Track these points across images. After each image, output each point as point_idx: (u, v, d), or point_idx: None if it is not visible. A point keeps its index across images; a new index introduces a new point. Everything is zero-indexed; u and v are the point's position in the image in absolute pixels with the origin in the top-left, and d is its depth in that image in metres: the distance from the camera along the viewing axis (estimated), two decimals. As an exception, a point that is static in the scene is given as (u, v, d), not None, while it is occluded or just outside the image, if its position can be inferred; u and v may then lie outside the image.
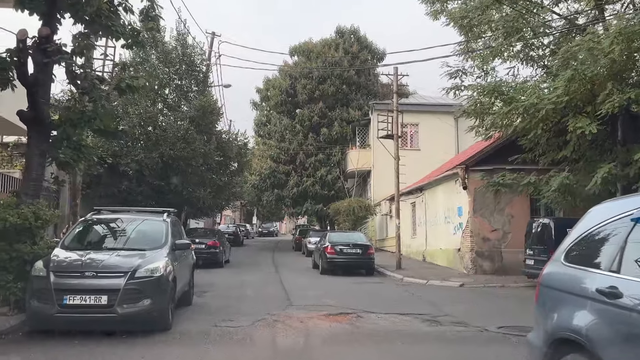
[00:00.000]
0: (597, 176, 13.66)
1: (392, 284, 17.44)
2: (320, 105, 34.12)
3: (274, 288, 15.63)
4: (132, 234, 10.30)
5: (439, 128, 32.41)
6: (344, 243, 19.87)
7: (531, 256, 15.69)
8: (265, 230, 60.76)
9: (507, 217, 18.97)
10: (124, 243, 10.04)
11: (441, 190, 21.86)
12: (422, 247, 24.05)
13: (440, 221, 21.86)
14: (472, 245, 18.88)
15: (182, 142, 21.56)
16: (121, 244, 10.04)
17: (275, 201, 35.66)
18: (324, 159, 33.98)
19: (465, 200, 19.35)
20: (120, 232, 10.54)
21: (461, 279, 17.68)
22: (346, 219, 29.46)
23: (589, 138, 14.02)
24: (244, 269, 21.66)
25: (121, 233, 10.49)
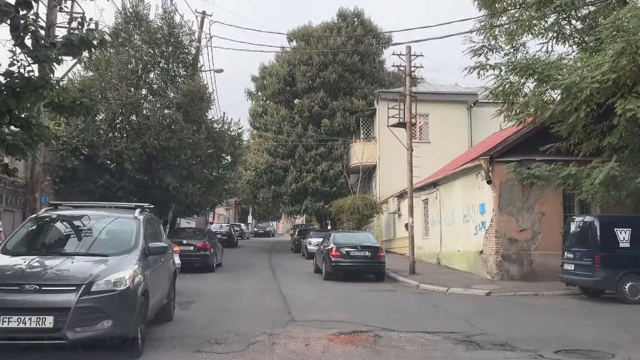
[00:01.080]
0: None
1: (408, 292, 15.13)
2: (321, 94, 31.79)
3: (271, 297, 13.32)
4: (93, 235, 8.00)
5: (450, 119, 30.16)
6: (350, 245, 17.57)
7: (570, 260, 13.41)
8: (262, 230, 58.33)
9: (536, 215, 16.68)
10: (82, 246, 7.80)
11: (459, 185, 19.56)
12: (436, 248, 21.75)
13: (458, 220, 19.56)
14: (497, 247, 16.59)
15: (167, 131, 19.22)
16: (78, 247, 7.81)
17: (272, 199, 33.28)
18: (325, 152, 31.66)
19: (489, 196, 17.05)
20: (78, 233, 8.23)
21: (486, 285, 15.40)
22: (350, 218, 27.14)
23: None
24: (237, 273, 19.33)
25: (80, 234, 8.20)
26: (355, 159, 31.03)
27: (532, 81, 14.14)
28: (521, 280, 16.28)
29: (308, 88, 32.91)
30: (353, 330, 9.21)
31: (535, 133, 16.61)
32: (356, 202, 27.10)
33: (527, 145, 16.42)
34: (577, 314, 11.52)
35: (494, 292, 14.50)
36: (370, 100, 32.36)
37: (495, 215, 16.66)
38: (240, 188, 33.97)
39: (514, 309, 12.31)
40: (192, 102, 20.30)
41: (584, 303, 12.78)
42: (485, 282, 16.21)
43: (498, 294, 14.29)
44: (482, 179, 17.39)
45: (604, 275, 12.24)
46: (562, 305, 12.77)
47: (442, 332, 9.25)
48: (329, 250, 17.50)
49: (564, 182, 13.58)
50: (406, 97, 18.38)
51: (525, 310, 12.01)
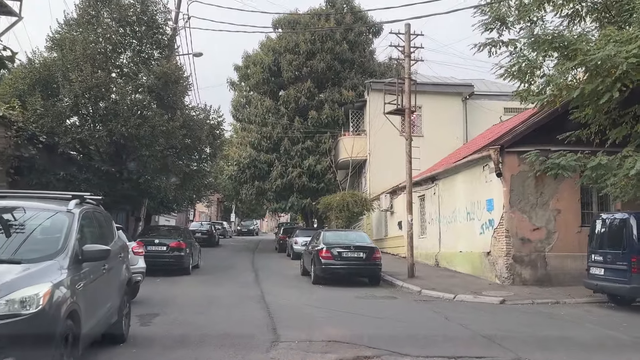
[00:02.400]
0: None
1: (409, 299, 13.23)
2: (308, 85, 29.79)
3: (252, 307, 11.32)
4: (4, 234, 5.90)
5: (444, 111, 28.43)
6: (343, 245, 15.63)
7: (599, 264, 11.60)
8: (245, 228, 56.10)
9: (552, 213, 14.89)
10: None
11: (461, 179, 17.71)
12: (434, 249, 19.90)
13: (461, 218, 17.71)
14: (507, 248, 14.76)
15: (137, 117, 17.09)
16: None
17: (255, 195, 31.21)
18: (312, 146, 29.69)
19: (498, 191, 15.22)
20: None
21: (497, 292, 13.57)
22: (339, 216, 25.23)
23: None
24: (216, 276, 17.28)
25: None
26: (344, 154, 29.13)
27: (555, 58, 12.32)
28: (535, 285, 14.50)
29: (294, 78, 30.90)
30: (356, 355, 7.27)
31: (550, 120, 14.84)
32: (346, 198, 25.19)
33: (541, 134, 14.62)
34: (614, 327, 9.70)
35: (509, 299, 12.67)
36: (360, 91, 30.46)
37: (505, 212, 14.83)
38: (221, 183, 31.79)
39: (538, 321, 10.47)
40: (166, 86, 18.19)
41: (616, 314, 10.98)
42: (494, 287, 14.36)
43: (513, 302, 12.46)
44: (490, 171, 15.55)
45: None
46: (590, 315, 10.97)
47: (467, 356, 7.37)
48: (318, 251, 15.55)
49: (593, 174, 11.75)
50: (405, 80, 16.46)
51: (552, 324, 10.18)
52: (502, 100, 30.08)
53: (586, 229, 14.73)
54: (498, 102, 29.94)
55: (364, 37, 32.41)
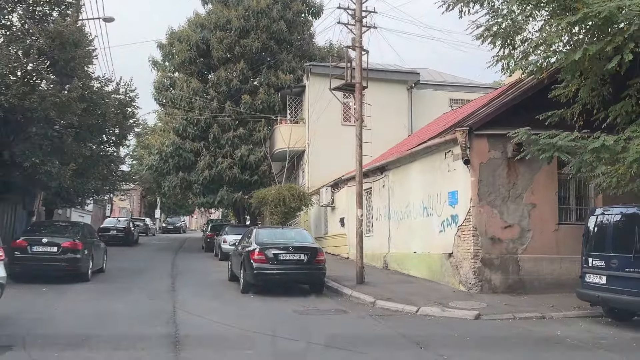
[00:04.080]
0: None
1: (363, 313, 10.53)
2: (240, 66, 26.60)
3: (156, 332, 8.28)
4: None
5: (389, 100, 26.12)
6: (280, 245, 12.77)
7: (600, 270, 9.34)
8: (171, 225, 51.86)
9: (525, 207, 12.68)
10: None
11: (418, 169, 15.26)
12: (382, 249, 17.40)
13: (416, 213, 15.28)
14: (475, 249, 12.41)
15: (21, 84, 13.52)
16: None
17: (180, 188, 27.70)
18: (245, 134, 26.55)
19: (464, 182, 12.85)
20: None
21: (467, 302, 11.17)
22: (274, 211, 22.29)
23: None
24: (121, 284, 13.98)
25: None
26: (280, 143, 26.21)
27: (546, 14, 10.01)
28: (506, 293, 12.23)
29: (225, 58, 27.67)
30: None
31: (526, 99, 12.69)
32: (282, 192, 22.28)
33: (515, 114, 12.37)
34: (634, 354, 7.44)
35: (484, 313, 10.26)
36: (299, 75, 27.63)
37: (473, 207, 12.48)
38: (140, 174, 28.00)
39: (532, 346, 8.09)
40: (62, 49, 14.66)
41: (624, 334, 8.75)
42: (461, 296, 11.97)
43: (491, 317, 10.05)
44: (454, 159, 13.17)
45: (662, 294, 8.25)
46: (591, 334, 8.71)
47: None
48: (249, 253, 12.63)
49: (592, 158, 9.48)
50: (357, 49, 13.78)
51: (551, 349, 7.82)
52: (448, 91, 28.55)
53: (564, 227, 12.77)
54: (444, 93, 28.32)
55: (304, 17, 29.60)
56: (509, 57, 10.66)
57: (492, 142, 12.60)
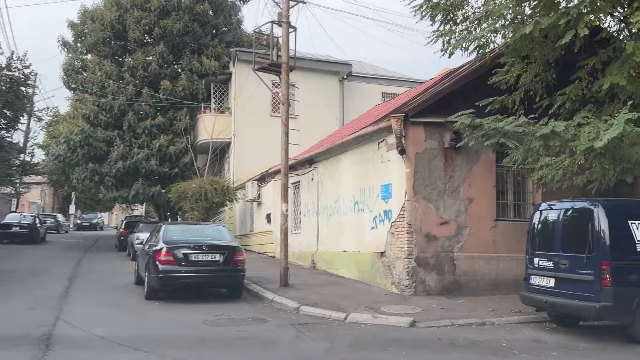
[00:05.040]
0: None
1: (285, 322, 9.13)
2: (160, 49, 24.49)
3: (14, 356, 6.52)
4: None
5: (320, 92, 25.07)
6: (191, 244, 11.15)
7: (547, 271, 8.40)
8: (87, 222, 48.21)
9: (462, 202, 11.72)
10: None
11: (349, 160, 14.06)
12: (310, 247, 16.10)
13: (346, 208, 14.08)
14: (409, 247, 11.33)
15: None
16: None
17: (90, 180, 25.19)
18: (164, 123, 24.46)
19: (398, 174, 11.74)
20: None
21: (400, 307, 10.05)
22: (195, 207, 20.53)
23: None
24: (5, 288, 11.95)
25: None
26: (204, 134, 24.43)
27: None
28: (442, 295, 11.23)
29: (143, 40, 25.52)
30: None
31: (464, 85, 11.71)
32: (204, 186, 20.54)
33: (454, 101, 11.34)
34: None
35: (419, 319, 9.13)
36: (225, 62, 25.88)
37: (408, 201, 11.38)
38: (43, 164, 25.27)
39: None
40: None
41: (575, 343, 7.82)
42: (394, 299, 10.84)
43: (427, 325, 8.93)
44: (388, 149, 12.05)
45: (616, 299, 7.35)
46: (539, 344, 7.77)
47: None
48: (155, 253, 10.95)
49: (544, 144, 8.53)
50: (283, 25, 12.36)
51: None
52: (381, 85, 27.86)
53: (502, 224, 11.93)
54: (376, 86, 27.63)
55: (231, 0, 27.84)
56: (450, 33, 9.60)
57: (429, 131, 11.56)
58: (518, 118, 8.75)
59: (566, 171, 9.25)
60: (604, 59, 8.91)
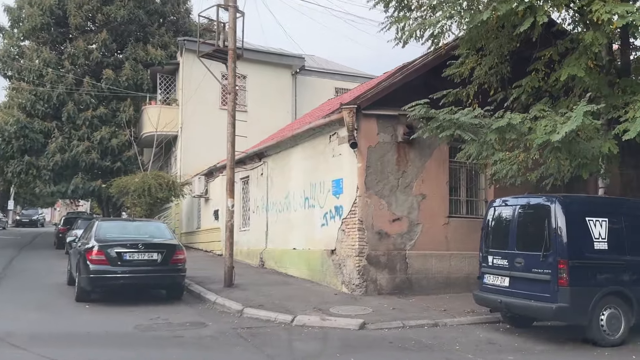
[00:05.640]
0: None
1: (226, 326, 8.45)
2: (103, 37, 23.20)
3: None
4: None
5: (272, 86, 24.38)
6: (127, 242, 10.32)
7: (502, 270, 8.04)
8: (26, 218, 45.79)
9: (415, 198, 11.33)
10: None
11: (300, 154, 13.48)
12: (259, 245, 15.45)
13: (296, 204, 13.50)
14: (360, 245, 10.85)
15: None
16: None
17: (26, 174, 23.65)
18: (107, 114, 23.18)
19: (350, 168, 11.25)
20: None
21: (350, 307, 9.57)
22: (138, 202, 19.50)
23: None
24: None
25: None
26: (149, 126, 23.28)
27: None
28: (394, 294, 10.82)
29: (85, 27, 24.19)
30: None
31: (419, 78, 11.29)
32: (147, 181, 19.53)
33: (408, 94, 10.84)
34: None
35: (370, 320, 8.66)
36: (173, 52, 24.81)
37: (360, 197, 10.89)
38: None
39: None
40: None
41: (532, 345, 7.49)
42: (344, 299, 10.34)
43: (378, 327, 8.46)
44: (340, 142, 11.53)
45: (574, 299, 7.03)
46: (495, 348, 7.40)
47: None
48: (86, 252, 10.07)
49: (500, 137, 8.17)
50: (230, 9, 11.63)
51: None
52: (334, 80, 27.41)
53: (455, 220, 11.63)
54: (329, 81, 27.18)
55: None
56: (404, 19, 9.14)
57: (382, 124, 11.10)
58: (474, 110, 8.34)
59: (520, 166, 8.98)
60: (562, 50, 8.66)
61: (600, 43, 7.52)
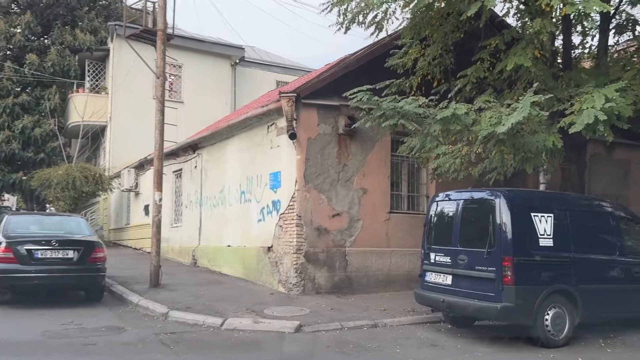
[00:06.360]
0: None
1: (148, 331, 7.63)
2: (27, 19, 21.52)
3: None
4: None
5: (210, 76, 23.51)
6: (38, 239, 9.30)
7: (444, 268, 7.64)
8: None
9: (356, 193, 10.85)
10: None
11: (236, 146, 12.74)
12: (191, 242, 14.58)
13: (232, 199, 12.75)
14: (298, 242, 10.26)
15: None
16: None
17: None
18: (30, 102, 21.48)
19: (288, 161, 10.63)
20: None
21: (286, 308, 8.99)
22: (61, 196, 18.12)
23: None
24: None
25: None
26: (75, 116, 21.81)
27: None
28: (332, 293, 10.31)
29: (8, 8, 22.42)
30: None
31: (361, 68, 10.79)
32: (72, 173, 18.17)
33: (350, 85, 10.35)
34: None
35: (306, 322, 8.08)
36: (103, 37, 23.37)
37: (298, 191, 10.30)
38: None
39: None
40: None
41: (474, 347, 7.11)
42: (280, 299, 9.74)
43: (314, 328, 7.90)
44: (278, 133, 10.90)
45: (519, 298, 6.70)
46: (437, 352, 6.96)
47: None
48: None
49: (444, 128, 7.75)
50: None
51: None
52: (275, 72, 26.77)
53: (396, 216, 11.23)
54: (270, 74, 26.57)
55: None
56: (346, 1, 8.60)
57: (322, 114, 10.55)
58: (418, 99, 7.91)
59: (463, 160, 8.64)
60: (508, 39, 8.37)
61: (547, 31, 7.25)
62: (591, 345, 7.08)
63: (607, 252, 7.55)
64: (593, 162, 12.10)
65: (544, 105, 7.31)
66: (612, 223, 7.78)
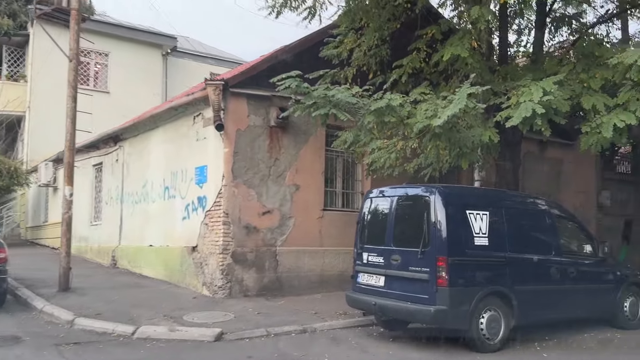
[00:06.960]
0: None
1: (48, 341, 6.74)
2: None
3: None
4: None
5: (139, 66, 22.26)
6: None
7: (377, 268, 7.17)
8: None
9: (288, 189, 10.28)
10: None
11: (160, 137, 11.87)
12: (111, 241, 13.54)
13: (155, 195, 11.88)
14: (225, 241, 9.57)
15: None
16: None
17: None
18: None
19: (215, 155, 9.91)
20: None
21: (209, 313, 8.30)
22: (-31, 191, 16.63)
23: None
24: None
25: None
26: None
27: None
28: (261, 296, 9.70)
29: None
30: None
31: (295, 57, 10.19)
32: (-17, 166, 16.69)
33: (282, 73, 9.78)
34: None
35: (229, 329, 7.43)
36: (23, 21, 21.72)
37: (226, 186, 9.61)
38: None
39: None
40: None
41: (408, 354, 6.69)
42: (203, 303, 9.03)
43: (237, 336, 7.26)
44: (205, 123, 10.17)
45: (453, 301, 6.32)
46: (364, 356, 6.49)
47: None
48: None
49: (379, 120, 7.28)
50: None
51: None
52: (210, 64, 25.75)
53: (329, 214, 10.75)
54: (205, 65, 25.49)
55: None
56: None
57: (253, 105, 9.91)
58: (352, 88, 7.43)
59: (398, 155, 8.23)
60: (445, 29, 8.04)
61: (485, 19, 6.94)
62: (526, 348, 6.81)
63: (543, 251, 7.31)
64: (526, 161, 12.06)
65: (481, 98, 6.99)
66: (547, 221, 7.56)
